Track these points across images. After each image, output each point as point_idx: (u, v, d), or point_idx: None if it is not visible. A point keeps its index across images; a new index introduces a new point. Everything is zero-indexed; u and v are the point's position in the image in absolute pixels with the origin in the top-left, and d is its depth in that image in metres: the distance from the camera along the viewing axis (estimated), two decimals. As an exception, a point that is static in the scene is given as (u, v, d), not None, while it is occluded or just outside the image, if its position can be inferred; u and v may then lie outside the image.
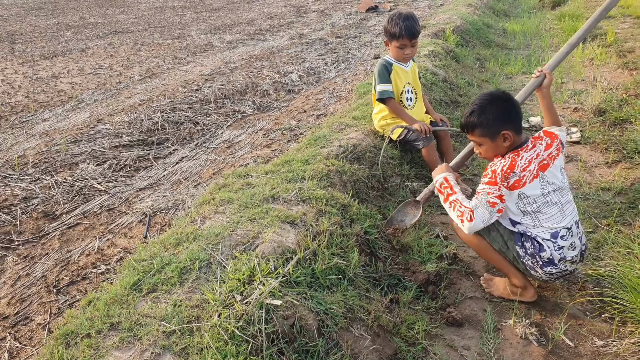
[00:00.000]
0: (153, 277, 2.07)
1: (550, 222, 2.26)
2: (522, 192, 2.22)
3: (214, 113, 5.20)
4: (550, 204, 2.25)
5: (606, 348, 2.18)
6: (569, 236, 2.28)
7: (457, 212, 2.32)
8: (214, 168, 3.95)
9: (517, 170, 2.19)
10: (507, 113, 2.26)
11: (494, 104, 2.27)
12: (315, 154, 3.25)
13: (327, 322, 2.05)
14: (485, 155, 2.39)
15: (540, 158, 2.26)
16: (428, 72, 5.03)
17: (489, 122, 2.25)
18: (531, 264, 2.32)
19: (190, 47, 8.69)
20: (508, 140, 2.25)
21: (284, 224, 2.47)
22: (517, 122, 2.29)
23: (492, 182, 2.23)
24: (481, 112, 2.27)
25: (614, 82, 5.27)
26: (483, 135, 2.30)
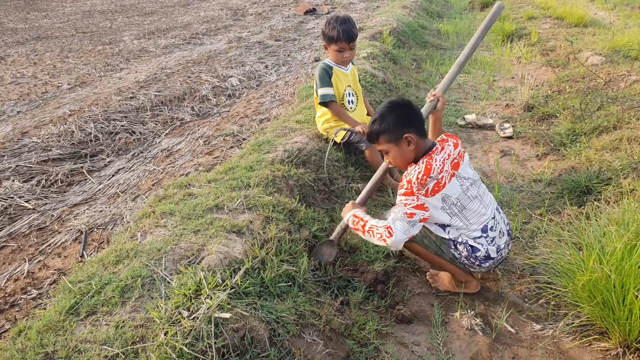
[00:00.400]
0: (92, 298, 1.96)
1: (476, 216, 2.31)
2: (445, 194, 2.24)
3: (150, 121, 5.02)
4: (471, 198, 2.31)
5: (544, 331, 2.30)
6: (496, 224, 2.37)
7: (376, 235, 2.30)
8: (153, 179, 3.81)
9: (433, 174, 2.20)
10: (407, 117, 2.30)
11: (394, 110, 2.32)
12: (260, 159, 3.21)
13: (279, 331, 2.02)
14: (395, 162, 2.42)
15: (452, 157, 2.30)
16: (367, 74, 5.11)
17: (391, 127, 2.29)
18: (469, 263, 2.40)
19: (123, 53, 8.36)
20: (412, 143, 2.28)
21: (230, 234, 2.41)
22: (418, 125, 2.32)
23: (408, 193, 2.23)
24: (382, 120, 2.32)
25: (540, 79, 5.59)
26: (388, 141, 2.33)
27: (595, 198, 3.02)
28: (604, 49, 5.55)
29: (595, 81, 4.68)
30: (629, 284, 1.98)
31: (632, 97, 3.88)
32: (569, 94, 4.65)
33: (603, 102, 4.06)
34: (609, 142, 3.46)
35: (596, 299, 2.04)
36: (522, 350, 2.21)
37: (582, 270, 2.11)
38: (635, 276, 1.98)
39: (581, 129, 3.87)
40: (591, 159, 3.36)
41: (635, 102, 3.78)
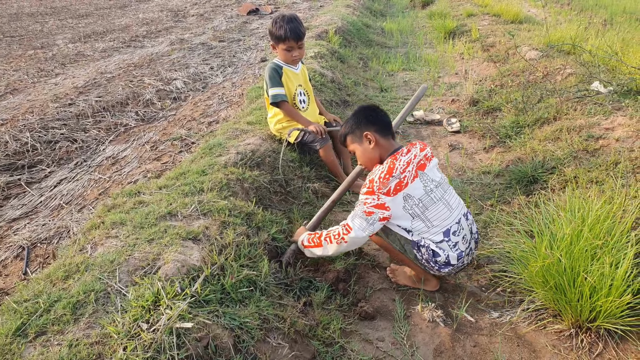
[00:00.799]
0: (40, 317, 1.84)
1: (439, 219, 2.32)
2: (406, 193, 2.25)
3: (93, 128, 4.79)
4: (435, 200, 2.31)
5: (502, 318, 2.38)
6: (460, 229, 2.36)
7: (334, 239, 2.35)
8: (99, 188, 3.63)
9: (395, 173, 2.22)
10: (368, 117, 2.45)
11: (357, 113, 2.52)
12: (212, 163, 3.13)
13: (243, 337, 1.97)
14: (361, 162, 2.55)
15: (418, 159, 2.33)
16: (316, 74, 5.10)
17: (352, 127, 2.47)
18: (429, 266, 2.41)
19: (57, 58, 7.93)
20: (373, 141, 2.38)
21: (186, 241, 2.33)
22: (379, 124, 2.42)
23: (369, 192, 2.25)
24: (347, 122, 2.53)
25: (482, 74, 5.80)
26: (353, 141, 2.50)
27: (541, 187, 3.16)
28: (539, 44, 5.83)
29: (534, 75, 4.91)
30: (578, 267, 2.08)
31: (568, 89, 4.10)
32: (511, 88, 4.85)
33: (542, 95, 4.26)
34: (551, 132, 3.63)
35: (549, 283, 2.12)
36: (483, 338, 2.27)
37: (535, 257, 2.20)
38: (584, 259, 2.08)
39: (524, 121, 4.04)
40: (535, 150, 3.51)
41: (572, 93, 4.00)
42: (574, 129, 3.53)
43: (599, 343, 2.10)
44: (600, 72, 4.16)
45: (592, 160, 3.12)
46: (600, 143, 3.27)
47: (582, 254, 2.10)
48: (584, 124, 3.53)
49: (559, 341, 2.18)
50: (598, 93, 3.87)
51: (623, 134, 3.24)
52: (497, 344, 2.22)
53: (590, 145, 3.28)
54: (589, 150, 3.25)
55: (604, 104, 3.71)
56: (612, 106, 3.63)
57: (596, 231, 2.12)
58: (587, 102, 3.87)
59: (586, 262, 2.07)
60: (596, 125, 3.47)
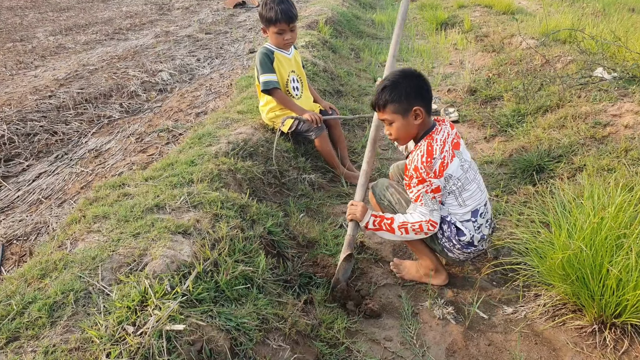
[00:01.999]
0: (13, 321, 1.64)
1: (472, 199, 2.21)
2: (449, 173, 2.13)
3: (74, 120, 4.54)
4: (470, 180, 2.20)
5: (516, 314, 2.22)
6: (485, 212, 2.27)
7: (413, 230, 2.19)
8: (81, 181, 3.41)
9: (436, 154, 2.09)
10: (419, 89, 2.15)
11: (405, 80, 2.15)
12: (202, 153, 2.92)
13: (241, 339, 1.79)
14: (397, 135, 2.24)
15: (451, 137, 2.19)
16: (309, 63, 4.92)
17: (401, 98, 2.12)
18: (449, 245, 2.27)
19: (37, 50, 7.62)
20: (420, 117, 2.14)
21: (175, 235, 2.14)
22: (428, 99, 2.18)
23: (421, 180, 2.11)
24: (393, 88, 2.14)
25: (478, 64, 5.66)
26: (395, 111, 2.16)
27: (548, 176, 3.01)
28: (535, 33, 5.71)
29: (532, 63, 4.78)
30: (600, 258, 1.93)
31: (570, 77, 3.97)
32: (510, 76, 4.71)
33: (543, 83, 4.13)
34: (555, 120, 3.49)
35: (570, 276, 1.97)
36: (497, 336, 2.12)
37: (554, 248, 2.04)
38: (607, 250, 1.94)
39: (526, 109, 3.90)
40: (540, 138, 3.37)
41: (575, 80, 3.87)
42: (580, 116, 3.40)
43: (625, 340, 1.95)
44: (603, 59, 4.04)
45: (602, 147, 2.98)
46: (608, 130, 3.14)
47: (604, 244, 1.95)
48: (590, 110, 3.40)
49: (580, 338, 2.03)
50: (602, 79, 3.75)
51: (632, 121, 3.11)
52: (514, 342, 2.06)
53: (598, 133, 3.14)
54: (597, 137, 3.11)
55: (609, 90, 3.58)
56: (618, 92, 3.50)
57: (620, 220, 1.97)
58: (591, 88, 3.74)
59: (610, 253, 1.93)
60: (602, 112, 3.34)
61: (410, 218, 2.20)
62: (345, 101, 4.74)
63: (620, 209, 2.03)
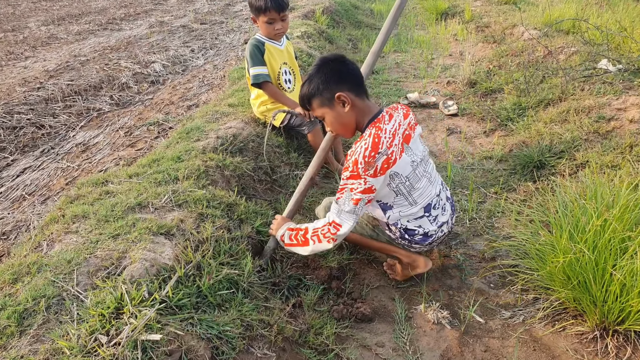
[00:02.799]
0: (-22, 331, 1.54)
1: (423, 196, 2.08)
2: (394, 171, 1.95)
3: (62, 113, 4.42)
4: (419, 176, 2.05)
5: (514, 319, 2.12)
6: (439, 201, 2.16)
7: (323, 238, 2.04)
8: (66, 177, 3.30)
9: (382, 148, 1.89)
10: (336, 73, 1.96)
11: (321, 68, 1.98)
12: (189, 148, 2.81)
13: (222, 348, 1.70)
14: (334, 128, 2.08)
15: (403, 128, 2.01)
16: (303, 54, 4.79)
17: (320, 88, 1.96)
18: (406, 244, 2.19)
19: (28, 41, 7.48)
20: (347, 103, 1.95)
21: (157, 237, 2.03)
22: (351, 81, 1.97)
23: (354, 176, 1.92)
24: (310, 81, 1.99)
25: (478, 55, 5.52)
26: (321, 104, 2.00)
27: (549, 172, 2.90)
28: (537, 24, 5.57)
29: (534, 54, 4.64)
30: (603, 262, 1.83)
31: (573, 68, 3.84)
32: (511, 68, 4.58)
33: (545, 75, 4.00)
34: (557, 114, 3.37)
35: (571, 281, 1.87)
36: (494, 342, 2.02)
37: (554, 251, 1.94)
38: (611, 253, 1.83)
39: (527, 103, 3.78)
40: (541, 133, 3.25)
41: (578, 72, 3.74)
42: (583, 110, 3.28)
43: (628, 347, 1.85)
44: (608, 50, 3.91)
45: (605, 143, 2.87)
46: (612, 125, 3.02)
47: (608, 247, 1.84)
48: (593, 104, 3.28)
49: (580, 345, 1.94)
50: (606, 72, 3.62)
51: (637, 115, 2.99)
52: (511, 349, 1.97)
53: (601, 127, 3.02)
54: (601, 132, 3.00)
55: (614, 83, 3.46)
56: (623, 85, 3.38)
57: (625, 221, 1.87)
58: (594, 81, 3.61)
59: (613, 256, 1.82)
60: (606, 106, 3.22)
61: (319, 223, 2.06)
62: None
63: (625, 210, 1.92)
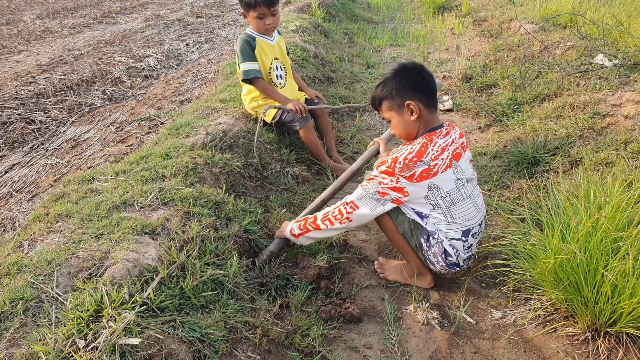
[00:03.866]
0: (-46, 335, 1.50)
1: (463, 218, 2.04)
2: (433, 183, 1.95)
3: (53, 108, 4.37)
4: (465, 197, 2.02)
5: (505, 319, 2.09)
6: (479, 232, 2.13)
7: (336, 219, 2.08)
8: (55, 174, 3.26)
9: (425, 158, 1.91)
10: (411, 82, 2.00)
11: (398, 74, 2.03)
12: (178, 145, 2.77)
13: (205, 352, 1.66)
14: (398, 133, 2.11)
15: (455, 146, 2.01)
16: (298, 48, 4.73)
17: (392, 93, 2.02)
18: (433, 260, 2.15)
19: (23, 34, 7.42)
20: (415, 112, 1.98)
21: (141, 236, 1.99)
22: (424, 92, 2.01)
23: (388, 172, 1.95)
24: (385, 84, 2.05)
25: (475, 50, 5.46)
26: (390, 108, 2.06)
27: (544, 169, 2.86)
28: (534, 18, 5.50)
29: (531, 49, 4.59)
30: (595, 263, 1.79)
31: (569, 64, 3.79)
32: (507, 63, 4.53)
33: (541, 70, 3.95)
34: (552, 110, 3.32)
35: (562, 282, 1.83)
36: (484, 343, 1.99)
37: (545, 251, 1.90)
38: (602, 254, 1.79)
39: (522, 98, 3.73)
40: (536, 129, 3.21)
41: (574, 68, 3.69)
42: (578, 106, 3.23)
43: (619, 349, 1.82)
44: (605, 45, 3.86)
45: (600, 139, 2.82)
46: (607, 121, 2.97)
47: (600, 248, 1.80)
48: (589, 100, 3.23)
49: (572, 347, 1.90)
50: (602, 67, 3.57)
51: (632, 111, 2.94)
52: (502, 350, 1.93)
53: (597, 123, 2.98)
54: (596, 128, 2.95)
55: (610, 78, 3.41)
56: (619, 81, 3.33)
57: (617, 221, 1.83)
58: (590, 76, 3.56)
59: (605, 257, 1.78)
60: (602, 102, 3.17)
61: (331, 207, 2.10)
62: (335, 88, 4.56)
63: (618, 209, 1.88)
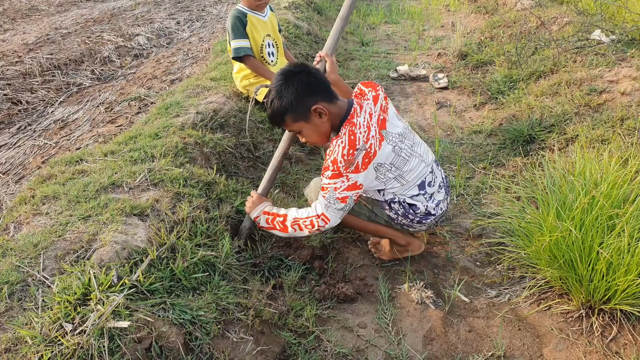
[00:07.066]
0: (-62, 320, 1.47)
1: (415, 175, 2.03)
2: (377, 163, 1.91)
3: (41, 88, 4.28)
4: (407, 157, 1.99)
5: (499, 298, 2.08)
6: (434, 178, 2.11)
7: (306, 228, 2.01)
8: (43, 155, 3.20)
9: (359, 144, 1.84)
10: (307, 85, 1.89)
11: (289, 82, 1.89)
12: (168, 125, 2.71)
13: (196, 334, 1.64)
14: (312, 140, 2.03)
15: (376, 116, 1.94)
16: (290, 25, 4.63)
17: (292, 103, 1.88)
18: (407, 222, 2.14)
19: (8, 13, 7.23)
20: (324, 114, 1.90)
21: (130, 218, 1.95)
22: (323, 90, 1.92)
23: (335, 175, 1.87)
24: (280, 96, 1.89)
25: (471, 27, 5.38)
26: (295, 120, 1.93)
27: (539, 146, 2.83)
28: (531, -7, 5.41)
29: (527, 25, 4.51)
30: (590, 240, 1.77)
31: (566, 40, 3.73)
32: (503, 40, 4.46)
33: (537, 46, 3.89)
34: (548, 87, 3.28)
35: (558, 260, 1.82)
36: (479, 322, 1.98)
37: (541, 229, 1.88)
38: (597, 231, 1.78)
39: (518, 75, 3.68)
40: (532, 106, 3.17)
41: (571, 44, 3.63)
42: (574, 83, 3.19)
43: (613, 326, 1.82)
44: (602, 21, 3.80)
45: (596, 116, 2.79)
46: (604, 97, 2.94)
47: (595, 225, 1.79)
48: (585, 76, 3.18)
49: (566, 324, 1.90)
50: (599, 43, 3.51)
51: (629, 87, 2.90)
52: (496, 328, 1.93)
53: (593, 100, 2.94)
54: (592, 105, 2.91)
55: (607, 54, 3.36)
56: (616, 57, 3.28)
57: (613, 198, 1.80)
58: (587, 52, 3.51)
59: (600, 234, 1.77)
60: (599, 78, 3.12)
61: (303, 213, 2.02)
62: (329, 67, 4.48)
63: (614, 186, 1.86)
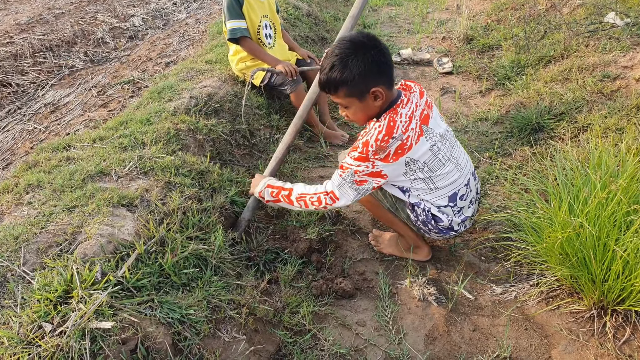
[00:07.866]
0: None
1: (448, 182, 1.87)
2: (410, 158, 1.76)
3: (31, 70, 4.14)
4: (444, 161, 1.83)
5: (505, 295, 1.99)
6: (468, 192, 1.94)
7: (312, 205, 1.94)
8: (32, 140, 3.08)
9: (397, 133, 1.70)
10: (376, 64, 1.69)
11: (358, 55, 1.67)
12: (160, 109, 2.59)
13: (185, 334, 1.54)
14: (354, 118, 1.85)
15: (420, 109, 1.79)
16: (290, 6, 4.47)
17: (355, 79, 1.68)
18: (425, 229, 2.00)
19: (1, -8, 7.04)
20: (380, 98, 1.73)
21: (117, 209, 1.85)
22: (389, 74, 1.74)
23: (362, 158, 1.74)
24: (344, 66, 1.67)
25: (476, 9, 5.21)
26: (349, 95, 1.74)
27: (548, 135, 2.71)
28: (540, -26, 5.22)
29: (536, 7, 4.35)
30: (605, 237, 1.67)
31: (578, 23, 3.57)
32: (510, 23, 4.30)
33: (547, 30, 3.74)
34: (558, 72, 3.14)
35: (570, 258, 1.71)
36: (484, 320, 1.88)
37: (551, 224, 1.77)
38: (612, 227, 1.67)
39: (526, 60, 3.53)
40: (540, 93, 3.03)
41: (583, 27, 3.48)
42: (586, 68, 3.05)
43: (627, 328, 1.72)
44: (616, 3, 3.64)
45: (610, 104, 2.66)
46: (617, 84, 2.80)
47: (611, 222, 1.68)
48: (598, 61, 3.04)
49: (576, 324, 1.80)
50: (613, 26, 3.37)
51: (644, 73, 2.77)
52: (502, 327, 1.83)
53: (606, 87, 2.81)
54: (605, 92, 2.78)
55: (621, 38, 3.21)
56: (631, 41, 3.13)
57: (631, 192, 1.69)
58: (600, 36, 3.36)
59: (616, 232, 1.66)
60: (612, 64, 2.99)
61: (310, 189, 1.95)
62: (329, 49, 4.34)
63: (632, 180, 1.75)
